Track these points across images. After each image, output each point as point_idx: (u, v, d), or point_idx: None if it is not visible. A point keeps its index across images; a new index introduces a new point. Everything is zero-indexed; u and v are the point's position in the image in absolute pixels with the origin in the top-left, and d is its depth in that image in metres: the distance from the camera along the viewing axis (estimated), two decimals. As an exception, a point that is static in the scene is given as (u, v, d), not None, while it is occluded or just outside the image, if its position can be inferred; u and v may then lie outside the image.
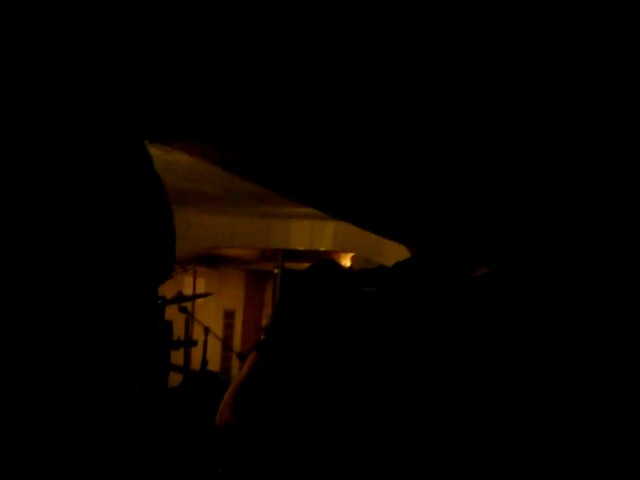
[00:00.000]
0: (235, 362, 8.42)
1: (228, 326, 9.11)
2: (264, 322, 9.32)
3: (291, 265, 7.76)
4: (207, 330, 5.06)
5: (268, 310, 9.33)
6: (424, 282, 2.43)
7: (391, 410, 2.20)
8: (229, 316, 9.27)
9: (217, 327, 8.38)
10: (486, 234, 3.43)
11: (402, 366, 2.24)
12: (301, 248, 7.13)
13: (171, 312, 5.12)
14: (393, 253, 6.13)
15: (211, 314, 8.30)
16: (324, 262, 2.51)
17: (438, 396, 2.19)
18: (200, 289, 8.59)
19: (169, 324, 4.48)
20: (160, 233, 1.25)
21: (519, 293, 2.34)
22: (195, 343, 4.90)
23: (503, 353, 2.15)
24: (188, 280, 8.20)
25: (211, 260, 8.71)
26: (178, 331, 5.15)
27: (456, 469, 2.12)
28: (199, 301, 7.63)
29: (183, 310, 4.93)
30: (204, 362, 4.88)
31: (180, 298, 4.86)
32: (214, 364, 6.49)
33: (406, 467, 2.13)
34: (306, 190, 3.44)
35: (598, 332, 2.07)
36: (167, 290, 6.06)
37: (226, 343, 6.34)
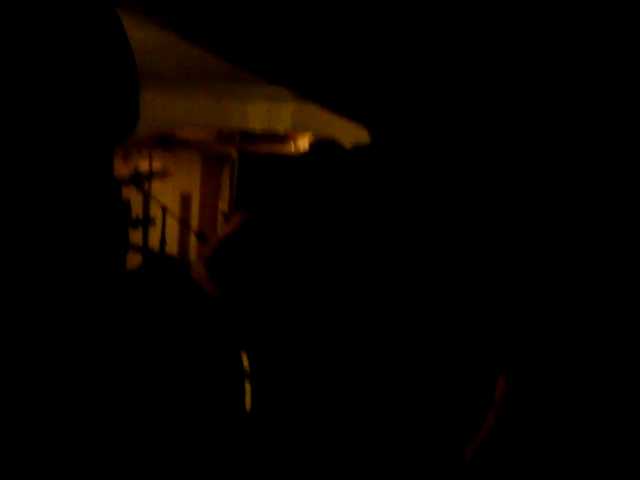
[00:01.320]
0: (193, 246, 8.42)
1: (185, 210, 9.03)
2: (221, 205, 9.28)
3: (249, 148, 7.65)
4: (165, 209, 5.00)
5: (225, 194, 9.26)
6: (387, 166, 2.39)
7: (359, 283, 2.21)
8: (186, 200, 9.17)
9: (174, 212, 8.31)
10: (448, 115, 3.39)
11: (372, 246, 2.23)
12: (259, 129, 7.03)
13: (128, 192, 5.04)
14: (353, 136, 6.06)
15: (168, 199, 8.20)
16: (326, 143, 2.44)
17: (404, 274, 2.20)
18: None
19: (126, 203, 4.42)
20: (122, 77, 1.19)
21: (481, 175, 2.32)
22: (153, 222, 4.85)
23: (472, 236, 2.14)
24: (144, 163, 8.05)
25: (167, 143, 8.53)
26: (136, 211, 5.10)
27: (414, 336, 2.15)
28: (155, 185, 7.53)
29: (140, 188, 4.85)
30: (163, 242, 4.85)
31: (136, 177, 4.77)
32: (172, 247, 6.46)
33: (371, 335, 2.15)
34: (266, 61, 3.34)
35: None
36: (123, 172, 5.95)
37: (184, 223, 6.30)
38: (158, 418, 2.90)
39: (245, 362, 2.43)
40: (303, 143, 7.94)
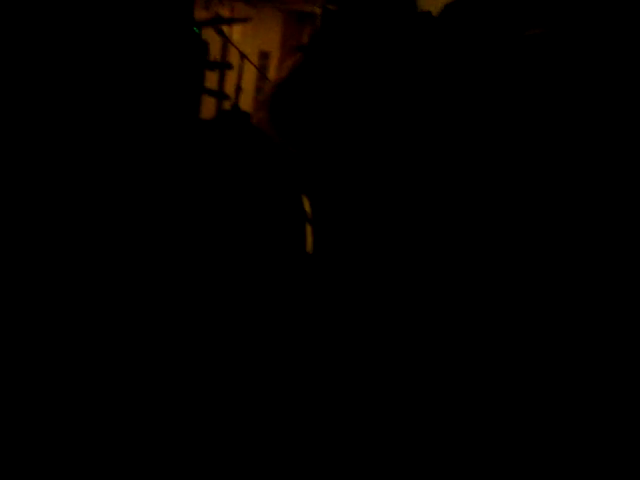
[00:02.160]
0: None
1: (263, 67, 8.95)
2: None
3: (333, 7, 7.42)
4: (243, 56, 4.94)
5: (305, 55, 9.09)
6: (474, 34, 2.26)
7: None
8: (264, 57, 9.07)
9: (252, 67, 8.23)
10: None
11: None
12: (345, -13, 6.79)
13: (208, 36, 4.98)
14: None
15: (246, 54, 8.11)
16: None
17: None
18: (235, 28, 8.34)
19: (205, 44, 4.37)
20: None
21: (583, 59, 2.15)
22: (231, 66, 4.80)
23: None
24: (225, 11, 7.95)
25: (249, -4, 8.37)
26: (214, 55, 5.05)
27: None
28: (235, 38, 7.43)
29: (220, 32, 4.78)
30: (238, 88, 4.82)
31: (217, 20, 4.69)
32: (247, 98, 6.44)
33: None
34: None
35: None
36: (203, 16, 5.87)
37: (261, 73, 6.23)
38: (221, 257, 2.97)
39: (306, 205, 2.45)
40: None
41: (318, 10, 7.39)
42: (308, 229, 2.46)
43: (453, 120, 2.09)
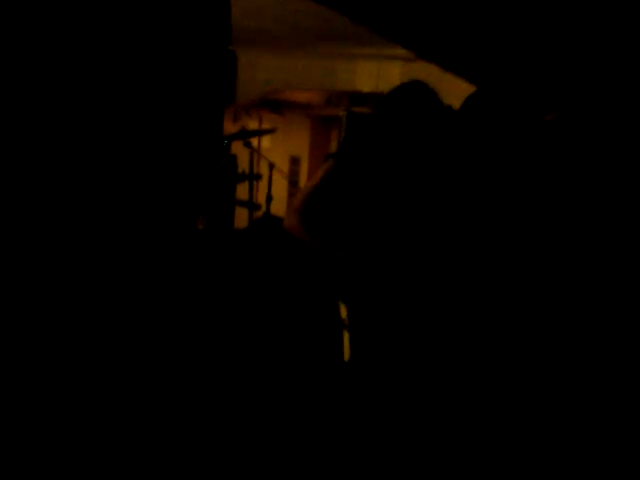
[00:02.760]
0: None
1: (294, 172, 9.12)
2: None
3: (357, 109, 7.61)
4: (272, 166, 5.05)
5: (334, 156, 9.23)
6: (495, 121, 2.31)
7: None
8: (295, 162, 9.26)
9: (282, 170, 8.40)
10: (564, 75, 3.26)
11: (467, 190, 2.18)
12: (367, 90, 6.98)
13: (236, 148, 5.13)
14: (462, 97, 5.89)
15: (277, 160, 8.30)
16: (415, 83, 2.39)
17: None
18: (265, 136, 8.57)
19: (233, 157, 4.49)
20: (219, 52, 1.27)
21: (602, 139, 2.20)
22: (260, 177, 4.90)
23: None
24: (253, 125, 8.18)
25: (276, 105, 8.61)
26: (243, 167, 5.18)
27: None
28: (264, 145, 7.62)
29: (247, 145, 4.91)
30: (269, 197, 4.91)
31: (244, 133, 4.83)
32: (279, 204, 6.56)
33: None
34: (382, 17, 3.30)
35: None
36: (231, 130, 6.05)
37: (292, 180, 6.35)
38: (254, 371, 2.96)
39: (343, 312, 2.44)
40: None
41: (342, 112, 7.56)
42: (345, 337, 2.44)
43: (484, 223, 2.10)
